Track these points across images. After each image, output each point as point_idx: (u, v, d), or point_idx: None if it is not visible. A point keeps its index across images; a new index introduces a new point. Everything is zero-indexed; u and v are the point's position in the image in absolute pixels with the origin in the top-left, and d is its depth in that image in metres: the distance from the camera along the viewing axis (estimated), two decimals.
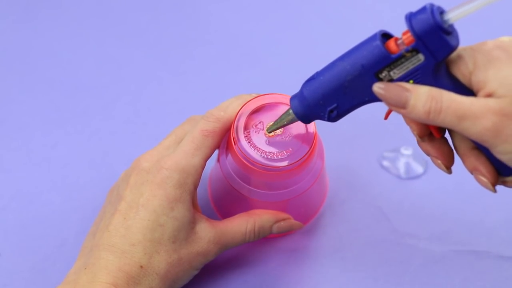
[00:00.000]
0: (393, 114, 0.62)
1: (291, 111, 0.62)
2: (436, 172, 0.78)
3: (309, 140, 0.66)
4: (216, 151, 0.71)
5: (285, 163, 0.65)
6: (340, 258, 0.73)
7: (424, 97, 0.55)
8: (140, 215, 0.65)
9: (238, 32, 0.88)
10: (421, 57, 0.55)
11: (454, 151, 0.60)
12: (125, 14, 0.89)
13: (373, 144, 0.80)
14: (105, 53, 0.86)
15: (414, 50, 0.55)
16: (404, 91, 0.56)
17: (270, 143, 0.66)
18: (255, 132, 0.66)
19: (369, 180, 0.78)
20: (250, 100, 0.67)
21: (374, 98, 0.58)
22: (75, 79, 0.85)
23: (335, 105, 0.59)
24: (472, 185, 0.76)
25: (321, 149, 0.70)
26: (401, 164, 0.78)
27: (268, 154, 0.65)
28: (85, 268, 0.64)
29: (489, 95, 0.54)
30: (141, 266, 0.64)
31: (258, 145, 0.66)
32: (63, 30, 0.88)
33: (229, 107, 0.67)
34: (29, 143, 0.80)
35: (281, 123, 0.64)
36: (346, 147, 0.79)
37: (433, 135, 0.59)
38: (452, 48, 0.55)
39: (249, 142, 0.66)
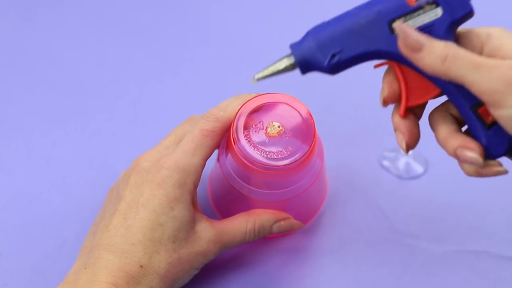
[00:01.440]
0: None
1: (289, 53, 0.59)
2: (436, 172, 0.78)
3: (309, 139, 0.66)
4: (216, 151, 0.71)
5: (285, 162, 0.65)
6: (340, 258, 0.73)
7: (442, 44, 0.55)
8: (140, 214, 0.65)
9: (238, 32, 0.88)
10: (439, 11, 0.55)
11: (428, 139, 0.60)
12: (125, 14, 0.89)
13: (373, 144, 0.79)
14: (105, 53, 0.86)
15: (434, 3, 0.55)
16: (423, 35, 0.56)
17: (270, 142, 0.66)
18: (255, 131, 0.66)
19: (369, 180, 0.78)
20: (250, 99, 0.67)
21: (381, 51, 0.57)
22: (75, 79, 0.85)
23: (339, 49, 0.58)
24: (472, 185, 0.76)
25: (321, 148, 0.70)
26: (401, 164, 0.78)
27: (268, 153, 0.65)
28: (85, 268, 0.64)
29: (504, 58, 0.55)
30: (141, 266, 0.64)
31: (258, 145, 0.66)
32: (63, 30, 0.88)
33: (229, 106, 0.67)
34: (29, 143, 0.80)
35: (274, 68, 0.60)
36: (346, 147, 0.79)
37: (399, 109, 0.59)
38: (471, 10, 0.55)
39: (249, 141, 0.66)
